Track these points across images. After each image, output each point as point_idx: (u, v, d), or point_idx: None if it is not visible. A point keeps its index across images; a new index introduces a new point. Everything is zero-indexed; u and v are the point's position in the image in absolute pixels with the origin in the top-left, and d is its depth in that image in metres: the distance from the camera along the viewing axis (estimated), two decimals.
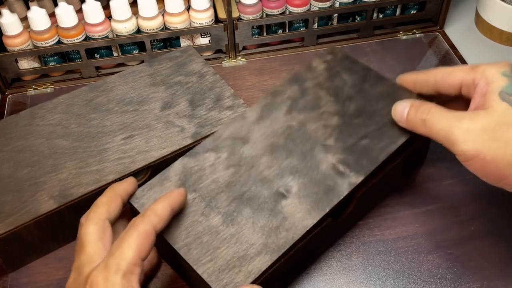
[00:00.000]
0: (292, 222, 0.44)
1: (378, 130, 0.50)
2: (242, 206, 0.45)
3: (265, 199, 0.45)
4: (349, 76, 0.55)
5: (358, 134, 0.50)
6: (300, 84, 0.55)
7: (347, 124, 0.51)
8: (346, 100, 0.53)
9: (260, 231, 0.43)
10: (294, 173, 0.47)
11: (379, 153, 0.48)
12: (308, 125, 0.51)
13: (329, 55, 0.58)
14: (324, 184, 0.46)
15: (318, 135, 0.50)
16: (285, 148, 0.49)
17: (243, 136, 0.50)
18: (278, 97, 0.53)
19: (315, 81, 0.55)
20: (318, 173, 0.47)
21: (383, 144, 0.49)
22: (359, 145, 0.49)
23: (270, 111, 0.52)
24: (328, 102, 0.53)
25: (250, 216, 0.44)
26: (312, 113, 0.52)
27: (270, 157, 0.48)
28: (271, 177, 0.47)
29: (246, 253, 0.42)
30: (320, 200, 0.45)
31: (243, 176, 0.47)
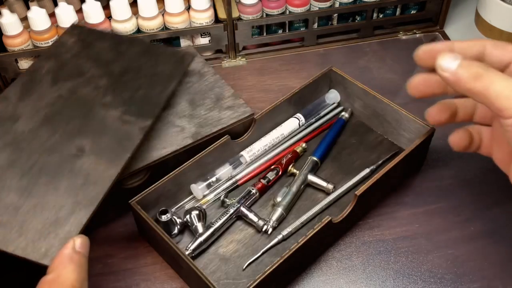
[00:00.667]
0: (96, 175, 0.44)
1: (150, 80, 0.54)
2: (35, 178, 0.44)
3: (60, 164, 0.45)
4: (103, 43, 0.58)
5: (132, 88, 0.53)
6: (56, 59, 0.56)
7: (118, 82, 0.53)
8: (109, 63, 0.56)
9: (65, 193, 0.43)
10: (82, 134, 0.48)
11: (158, 98, 0.52)
12: (79, 91, 0.52)
13: (75, 30, 0.60)
14: (116, 136, 0.48)
15: (93, 97, 0.52)
16: (63, 115, 0.49)
17: (10, 115, 0.49)
18: (36, 73, 0.54)
19: (71, 53, 0.57)
20: (106, 128, 0.49)
21: (159, 90, 0.53)
22: (137, 96, 0.52)
23: (32, 87, 0.52)
24: (91, 68, 0.55)
25: (49, 184, 0.44)
26: (79, 79, 0.53)
27: (50, 126, 0.48)
28: (58, 144, 0.47)
29: (57, 217, 0.41)
30: (118, 149, 0.47)
31: (25, 151, 0.46)
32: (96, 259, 0.51)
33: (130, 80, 0.54)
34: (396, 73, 0.71)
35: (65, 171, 0.45)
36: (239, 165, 0.56)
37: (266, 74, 0.72)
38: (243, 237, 0.52)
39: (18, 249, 0.39)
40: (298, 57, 0.75)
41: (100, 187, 0.44)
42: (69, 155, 0.46)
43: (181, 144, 0.54)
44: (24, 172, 0.44)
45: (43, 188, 0.43)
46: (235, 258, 0.50)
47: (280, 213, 0.52)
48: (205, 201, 0.54)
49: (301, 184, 0.55)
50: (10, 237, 0.40)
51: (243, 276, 0.49)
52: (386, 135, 0.61)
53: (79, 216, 0.41)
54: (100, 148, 0.47)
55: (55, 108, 0.50)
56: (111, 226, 0.54)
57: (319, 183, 0.55)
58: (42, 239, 0.40)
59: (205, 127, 0.56)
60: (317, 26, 0.76)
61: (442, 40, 0.77)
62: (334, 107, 0.64)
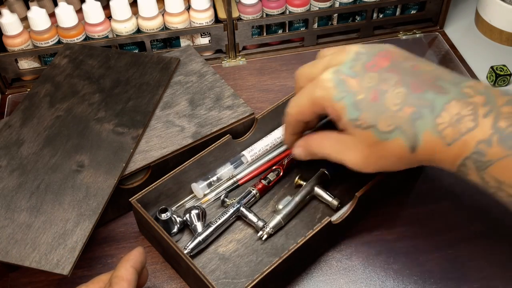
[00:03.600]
0: (96, 187, 0.49)
1: (138, 90, 0.58)
2: (42, 196, 0.48)
3: (62, 181, 0.49)
4: (93, 60, 0.62)
5: (122, 100, 0.57)
6: (51, 81, 0.60)
7: (109, 96, 0.58)
8: (100, 78, 0.60)
9: (69, 207, 0.47)
10: (80, 150, 0.52)
11: (147, 107, 0.57)
12: (75, 109, 0.56)
13: (67, 50, 0.63)
14: (111, 148, 0.52)
15: (87, 113, 0.56)
16: (62, 134, 0.53)
17: (15, 141, 0.53)
18: (34, 98, 0.57)
19: (64, 74, 0.60)
20: (101, 142, 0.52)
21: (147, 99, 0.57)
22: (128, 107, 0.56)
23: (32, 112, 0.56)
24: (84, 86, 0.59)
25: (55, 200, 0.48)
26: (74, 99, 0.57)
27: (51, 147, 0.52)
28: (60, 162, 0.51)
29: (65, 229, 0.46)
30: (113, 160, 0.51)
31: (32, 172, 0.50)
32: (96, 259, 0.51)
33: (120, 92, 0.58)
34: None
35: (68, 187, 0.49)
36: (240, 164, 0.56)
37: (266, 74, 0.72)
38: (242, 237, 0.52)
39: (33, 263, 0.43)
40: (298, 57, 0.74)
41: (100, 197, 0.48)
42: (70, 171, 0.50)
43: (181, 144, 0.54)
44: (32, 192, 0.49)
45: (50, 204, 0.48)
46: (234, 257, 0.50)
47: (278, 221, 0.51)
48: (205, 200, 0.54)
49: (306, 195, 0.53)
50: (25, 252, 0.44)
51: (242, 275, 0.49)
52: None
53: (84, 226, 0.46)
54: (98, 161, 0.51)
55: (54, 129, 0.54)
56: (111, 226, 0.54)
57: (324, 196, 0.53)
58: (53, 251, 0.44)
59: (205, 127, 0.56)
60: (317, 26, 0.76)
61: (442, 40, 0.77)
62: None
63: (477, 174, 0.37)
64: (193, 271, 0.44)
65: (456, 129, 0.37)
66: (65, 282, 0.49)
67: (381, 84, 0.40)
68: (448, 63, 0.73)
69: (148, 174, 0.53)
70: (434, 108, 0.38)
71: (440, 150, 0.38)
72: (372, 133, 0.40)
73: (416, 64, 0.41)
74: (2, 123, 0.56)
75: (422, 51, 0.75)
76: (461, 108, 0.37)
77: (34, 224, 0.46)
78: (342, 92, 0.41)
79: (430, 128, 0.38)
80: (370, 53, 0.42)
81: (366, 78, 0.40)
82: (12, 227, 0.46)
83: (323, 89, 0.42)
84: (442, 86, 0.38)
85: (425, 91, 0.38)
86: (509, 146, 0.35)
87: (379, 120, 0.39)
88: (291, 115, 0.47)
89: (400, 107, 0.39)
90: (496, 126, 0.36)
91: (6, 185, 0.49)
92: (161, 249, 0.51)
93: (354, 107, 0.40)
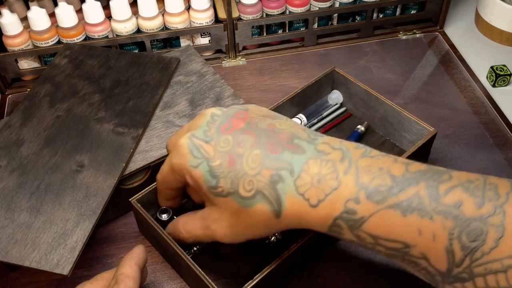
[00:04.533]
0: (96, 187, 0.48)
1: (138, 90, 0.58)
2: (42, 196, 0.48)
3: (62, 181, 0.49)
4: (93, 60, 0.62)
5: (123, 100, 0.57)
6: (51, 81, 0.60)
7: (109, 96, 0.57)
8: (100, 78, 0.60)
9: (69, 207, 0.47)
10: (80, 150, 0.52)
11: (147, 107, 0.57)
12: (75, 109, 0.56)
13: (67, 50, 0.63)
14: (111, 148, 0.52)
15: (87, 113, 0.56)
16: (62, 134, 0.53)
17: (15, 141, 0.53)
18: (34, 98, 0.57)
19: (64, 74, 0.60)
20: (102, 142, 0.52)
21: (147, 99, 0.58)
22: (128, 107, 0.56)
23: (32, 112, 0.56)
24: (84, 86, 0.59)
25: (55, 200, 0.48)
26: (74, 99, 0.57)
27: (51, 147, 0.52)
28: (60, 162, 0.51)
29: (65, 229, 0.45)
30: (113, 160, 0.51)
31: (32, 172, 0.50)
32: (96, 259, 0.51)
33: (120, 92, 0.58)
34: (396, 73, 0.71)
35: (68, 187, 0.49)
36: None
37: (266, 74, 0.72)
38: None
39: (33, 263, 0.43)
40: (298, 57, 0.75)
41: (100, 197, 0.48)
42: (70, 171, 0.50)
43: None
44: (32, 192, 0.49)
45: (50, 205, 0.48)
46: (234, 257, 0.50)
47: None
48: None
49: None
50: (25, 252, 0.44)
51: (242, 275, 0.49)
52: (388, 137, 0.61)
53: (84, 226, 0.46)
54: (98, 161, 0.51)
55: (54, 129, 0.54)
56: (111, 226, 0.54)
57: None
58: (53, 251, 0.44)
59: None
60: (317, 26, 0.76)
61: (442, 40, 0.77)
62: (337, 107, 0.64)
63: (351, 233, 0.36)
64: (193, 271, 0.44)
65: (319, 189, 0.36)
66: (65, 282, 0.49)
67: (236, 148, 0.38)
68: (448, 63, 0.73)
69: (148, 174, 0.53)
70: (292, 170, 0.37)
71: (306, 213, 0.36)
72: (234, 200, 0.38)
73: (272, 123, 0.40)
74: (2, 123, 0.56)
75: (422, 51, 0.75)
76: (320, 168, 0.36)
77: (34, 224, 0.46)
78: (198, 158, 0.39)
79: (292, 191, 0.36)
80: (226, 115, 0.41)
81: (221, 142, 0.39)
82: (12, 227, 0.46)
83: (179, 156, 0.40)
84: (298, 145, 0.38)
85: (281, 152, 0.37)
86: (377, 201, 0.34)
87: (239, 186, 0.38)
88: (158, 182, 0.46)
89: (258, 171, 0.37)
90: (359, 182, 0.35)
91: (6, 185, 0.49)
92: (161, 249, 0.51)
93: (211, 174, 0.39)
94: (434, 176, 0.35)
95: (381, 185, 0.35)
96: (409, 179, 0.35)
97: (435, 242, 0.33)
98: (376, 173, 0.35)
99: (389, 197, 0.34)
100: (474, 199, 0.33)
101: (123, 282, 0.38)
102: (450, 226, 0.33)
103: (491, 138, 0.62)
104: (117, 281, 0.39)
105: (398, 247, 0.35)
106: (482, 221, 0.32)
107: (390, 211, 0.34)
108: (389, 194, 0.34)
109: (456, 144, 0.62)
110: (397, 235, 0.34)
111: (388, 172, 0.35)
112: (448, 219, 0.33)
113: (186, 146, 0.40)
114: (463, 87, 0.69)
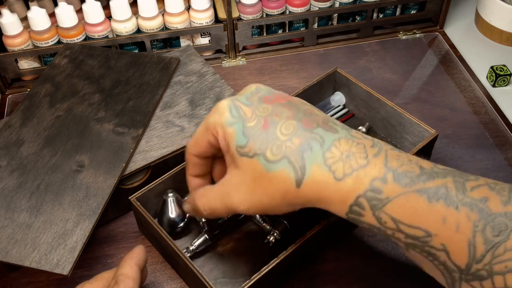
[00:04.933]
0: (96, 187, 0.49)
1: (138, 90, 0.58)
2: (43, 196, 0.48)
3: (62, 181, 0.49)
4: (93, 60, 0.63)
5: (122, 100, 0.57)
6: (51, 81, 0.60)
7: (109, 96, 0.58)
8: (100, 78, 0.60)
9: (69, 207, 0.47)
10: (80, 150, 0.52)
11: (147, 107, 0.57)
12: (75, 109, 0.56)
13: (67, 50, 0.63)
14: (111, 148, 0.52)
15: (88, 113, 0.56)
16: (62, 134, 0.53)
17: (15, 141, 0.53)
18: (34, 98, 0.57)
19: (64, 74, 0.60)
20: (102, 142, 0.52)
21: (147, 99, 0.58)
22: (128, 107, 0.56)
23: (32, 112, 0.56)
24: (84, 86, 0.59)
25: (55, 200, 0.48)
26: (74, 99, 0.57)
27: (51, 147, 0.52)
28: (60, 162, 0.51)
29: (65, 229, 0.46)
30: (113, 160, 0.51)
31: (32, 172, 0.50)
32: (96, 259, 0.51)
33: (120, 92, 0.58)
34: (396, 73, 0.71)
35: (68, 187, 0.49)
36: None
37: (266, 74, 0.72)
38: (242, 236, 0.52)
39: (33, 263, 0.43)
40: (298, 57, 0.75)
41: (100, 197, 0.48)
42: (70, 171, 0.50)
43: (181, 144, 0.54)
44: (32, 192, 0.48)
45: (50, 205, 0.48)
46: (233, 257, 0.50)
47: (285, 226, 0.51)
48: None
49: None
50: (25, 252, 0.44)
51: (240, 275, 0.49)
52: (389, 138, 0.61)
53: (84, 226, 0.46)
54: (98, 161, 0.51)
55: (54, 129, 0.54)
56: (111, 226, 0.54)
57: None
58: (53, 251, 0.44)
59: None
60: (317, 26, 0.76)
61: (442, 40, 0.77)
62: (339, 109, 0.64)
63: (372, 214, 0.35)
64: (191, 270, 0.44)
65: (347, 164, 0.36)
66: (65, 282, 0.49)
67: (273, 115, 0.39)
68: (448, 63, 0.73)
69: (148, 174, 0.53)
70: (323, 143, 0.37)
71: (329, 186, 0.36)
72: (259, 162, 0.38)
73: (311, 108, 0.40)
74: (2, 123, 0.56)
75: (422, 51, 0.75)
76: (350, 146, 0.36)
77: (34, 224, 0.46)
78: (234, 117, 0.40)
79: (319, 161, 0.36)
80: (270, 90, 0.42)
81: (260, 108, 0.40)
82: (12, 227, 0.46)
83: (218, 113, 0.41)
84: (332, 127, 0.38)
85: (315, 127, 0.38)
86: (404, 184, 0.34)
87: (267, 149, 0.38)
88: (188, 149, 0.44)
89: (289, 137, 0.37)
90: (388, 165, 0.35)
91: (6, 185, 0.49)
92: (160, 248, 0.51)
93: (243, 134, 0.39)
94: (462, 174, 0.35)
95: (410, 172, 0.35)
96: (437, 172, 0.35)
97: (458, 233, 0.33)
98: (405, 162, 0.36)
99: (417, 182, 0.34)
100: (500, 197, 0.33)
101: (123, 283, 0.38)
102: (475, 218, 0.33)
103: (491, 138, 0.62)
104: (117, 281, 0.39)
105: (419, 235, 0.34)
106: (508, 217, 0.32)
107: (416, 196, 0.34)
108: (417, 180, 0.35)
109: (456, 144, 0.62)
110: (420, 222, 0.34)
111: (417, 163, 0.36)
112: (473, 211, 0.33)
113: (226, 105, 0.41)
114: (463, 87, 0.69)
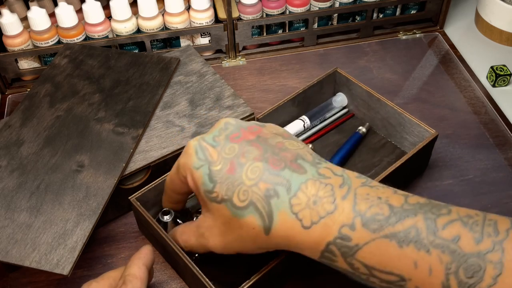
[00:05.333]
0: (96, 187, 0.49)
1: (138, 90, 0.58)
2: (43, 196, 0.48)
3: (62, 181, 0.49)
4: (93, 60, 0.63)
5: (123, 100, 0.57)
6: (51, 81, 0.60)
7: (109, 96, 0.58)
8: (100, 78, 0.60)
9: (69, 207, 0.47)
10: (80, 150, 0.52)
11: (147, 107, 0.57)
12: (75, 109, 0.56)
13: (67, 50, 0.63)
14: (111, 148, 0.52)
15: (87, 113, 0.56)
16: (62, 134, 0.54)
17: (15, 141, 0.53)
18: (34, 98, 0.57)
19: (64, 74, 0.60)
20: (102, 142, 0.52)
21: (147, 99, 0.58)
22: (128, 107, 0.56)
23: (32, 112, 0.56)
24: (84, 86, 0.59)
25: (55, 200, 0.48)
26: (74, 99, 0.57)
27: (51, 147, 0.52)
28: (60, 162, 0.51)
29: (65, 229, 0.46)
30: (113, 160, 0.51)
31: (31, 172, 0.50)
32: (96, 259, 0.51)
33: (120, 92, 0.58)
34: (396, 73, 0.71)
35: (68, 187, 0.49)
36: None
37: (266, 74, 0.72)
38: None
39: (33, 263, 0.43)
40: (298, 57, 0.75)
41: (100, 197, 0.48)
42: (70, 171, 0.50)
43: (181, 144, 0.54)
44: (32, 192, 0.48)
45: (50, 205, 0.48)
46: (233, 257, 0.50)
47: None
48: None
49: None
50: (25, 252, 0.44)
51: (240, 275, 0.49)
52: (389, 138, 0.61)
53: (84, 226, 0.46)
54: (98, 161, 0.51)
55: (54, 129, 0.54)
56: (111, 226, 0.54)
57: None
58: (53, 251, 0.44)
59: (205, 127, 0.56)
60: (317, 26, 0.76)
61: (442, 40, 0.77)
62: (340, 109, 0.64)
63: (344, 261, 0.35)
64: (191, 270, 0.44)
65: (314, 211, 0.35)
66: (65, 282, 0.49)
67: (240, 157, 0.38)
68: (448, 63, 0.73)
69: (148, 174, 0.53)
70: (290, 187, 0.36)
71: (298, 234, 0.36)
72: (226, 207, 0.38)
73: (282, 141, 0.39)
74: (2, 123, 0.56)
75: (422, 51, 0.75)
76: (318, 190, 0.36)
77: (34, 224, 0.46)
78: (201, 160, 0.39)
79: (286, 209, 0.36)
80: (238, 125, 0.41)
81: (226, 149, 0.39)
82: (12, 227, 0.46)
83: (186, 155, 0.41)
84: (300, 165, 0.37)
85: (282, 169, 0.37)
86: (373, 229, 0.34)
87: (234, 194, 0.37)
88: (166, 182, 0.46)
89: (255, 182, 0.37)
90: (356, 209, 0.35)
91: (6, 185, 0.49)
92: (160, 248, 0.51)
93: (209, 178, 0.38)
94: (433, 209, 0.34)
95: (378, 214, 0.34)
96: (407, 210, 0.34)
97: (432, 277, 0.32)
98: (374, 202, 0.35)
99: (386, 227, 0.34)
100: (472, 234, 0.32)
101: (131, 283, 0.38)
102: (447, 261, 0.32)
103: (491, 138, 0.62)
104: (125, 281, 0.39)
105: (393, 279, 0.34)
106: (480, 257, 0.31)
107: (386, 241, 0.34)
108: (385, 224, 0.34)
109: (456, 144, 0.62)
110: (392, 267, 0.34)
111: (387, 202, 0.35)
112: (445, 254, 0.32)
113: (193, 146, 0.40)
114: (463, 87, 0.69)
